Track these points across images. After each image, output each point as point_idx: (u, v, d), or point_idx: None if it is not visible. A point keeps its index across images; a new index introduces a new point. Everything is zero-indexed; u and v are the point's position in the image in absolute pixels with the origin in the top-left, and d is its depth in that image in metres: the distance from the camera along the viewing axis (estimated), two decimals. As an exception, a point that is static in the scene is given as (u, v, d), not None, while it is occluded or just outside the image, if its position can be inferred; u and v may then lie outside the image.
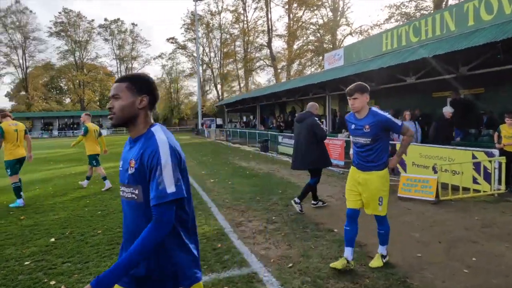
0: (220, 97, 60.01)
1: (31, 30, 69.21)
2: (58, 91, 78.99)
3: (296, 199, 5.48)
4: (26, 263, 3.69)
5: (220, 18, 59.14)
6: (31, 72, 71.47)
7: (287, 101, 22.60)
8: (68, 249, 4.04)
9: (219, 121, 49.89)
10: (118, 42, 73.12)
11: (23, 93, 70.30)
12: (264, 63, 54.34)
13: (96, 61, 74.43)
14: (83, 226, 4.96)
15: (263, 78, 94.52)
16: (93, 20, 72.19)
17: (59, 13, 68.88)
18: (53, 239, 4.41)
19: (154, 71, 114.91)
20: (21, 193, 6.50)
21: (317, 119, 5.53)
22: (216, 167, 10.91)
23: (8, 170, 6.37)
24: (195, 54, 50.66)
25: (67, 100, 78.80)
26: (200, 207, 5.79)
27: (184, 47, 65.36)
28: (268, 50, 50.80)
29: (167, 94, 71.42)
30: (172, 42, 65.23)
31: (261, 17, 51.67)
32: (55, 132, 60.05)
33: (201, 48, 64.87)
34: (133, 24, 73.03)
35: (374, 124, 3.07)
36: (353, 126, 3.25)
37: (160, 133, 1.50)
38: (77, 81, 72.17)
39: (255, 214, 5.35)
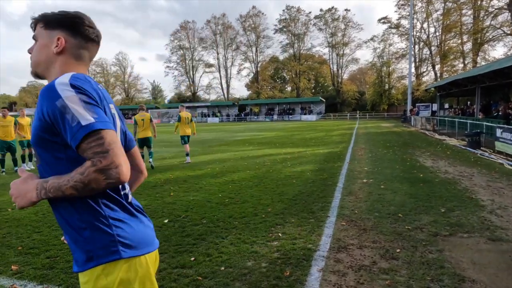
0: (438, 79, 51.50)
1: (262, 30, 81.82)
2: (282, 81, 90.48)
3: None
4: (128, 239, 4.10)
5: (444, -15, 50.01)
6: (261, 65, 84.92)
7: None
8: (164, 234, 4.23)
9: (435, 107, 43.17)
10: (331, 30, 75.35)
11: (255, 84, 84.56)
12: (502, 32, 41.98)
13: (311, 51, 79.90)
14: (200, 211, 5.14)
15: (499, 52, 73.91)
16: (310, 13, 77.34)
17: (283, 10, 77.67)
18: (166, 221, 4.77)
19: (364, 56, 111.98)
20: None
21: None
22: (387, 163, 9.19)
23: (138, 145, 9.00)
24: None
25: (289, 89, 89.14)
26: (318, 214, 4.86)
27: (397, 26, 59.87)
28: (509, 14, 38.80)
29: (378, 79, 68.14)
30: (384, 22, 61.05)
31: (504, -29, 39.84)
32: (275, 117, 69.06)
33: (418, 24, 57.45)
34: (346, 10, 73.03)
35: (38, 112, 1.15)
36: None
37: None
38: (294, 70, 79.89)
39: (377, 238, 3.94)
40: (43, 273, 3.28)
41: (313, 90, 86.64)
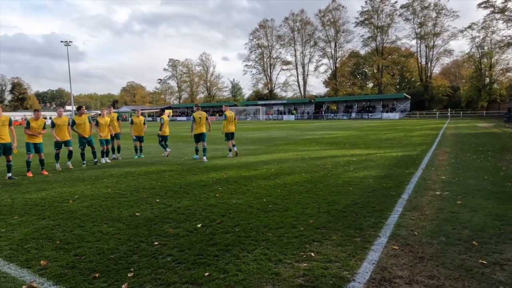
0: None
1: (342, 24, 78.69)
2: (362, 77, 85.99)
3: None
4: (155, 243, 3.97)
5: None
6: (339, 61, 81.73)
7: None
8: (191, 241, 3.99)
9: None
10: (420, 20, 68.70)
11: (333, 80, 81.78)
12: None
13: (395, 43, 74.03)
14: (237, 217, 4.81)
15: None
16: (395, 2, 71.62)
17: (365, 2, 73.31)
18: (199, 225, 4.55)
19: (461, 47, 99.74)
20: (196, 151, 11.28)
21: None
22: (472, 172, 7.70)
23: (194, 140, 11.00)
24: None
25: (370, 85, 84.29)
26: (367, 232, 4.12)
27: (502, 10, 51.72)
28: None
29: (476, 72, 60.11)
30: (485, 7, 53.20)
31: None
32: (353, 114, 65.87)
33: (531, 7, 48.72)
34: (438, -4, 65.46)
35: None
36: None
37: None
38: (376, 65, 75.02)
39: (436, 272, 3.11)
40: (63, 272, 3.29)
41: (397, 86, 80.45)
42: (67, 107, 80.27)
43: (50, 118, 10.39)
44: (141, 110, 13.62)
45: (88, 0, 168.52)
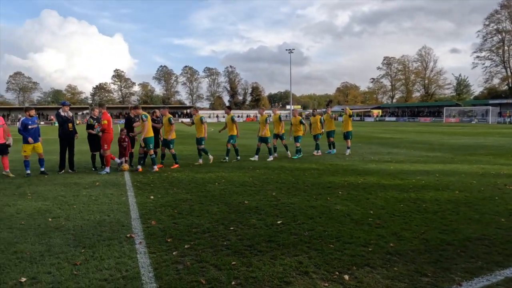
0: None
1: None
2: None
3: None
4: (231, 228, 4.51)
5: None
6: None
7: None
8: (256, 234, 4.26)
9: None
10: None
11: None
12: None
13: None
14: (319, 223, 4.63)
15: None
16: None
17: None
18: (280, 222, 4.72)
19: None
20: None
21: None
22: None
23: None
24: None
25: None
26: (450, 275, 3.08)
27: None
28: None
29: None
30: None
31: None
32: None
33: None
34: None
35: None
36: None
37: None
38: None
39: None
40: (153, 232, 4.37)
41: None
42: (287, 107, 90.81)
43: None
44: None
45: (314, 8, 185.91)
